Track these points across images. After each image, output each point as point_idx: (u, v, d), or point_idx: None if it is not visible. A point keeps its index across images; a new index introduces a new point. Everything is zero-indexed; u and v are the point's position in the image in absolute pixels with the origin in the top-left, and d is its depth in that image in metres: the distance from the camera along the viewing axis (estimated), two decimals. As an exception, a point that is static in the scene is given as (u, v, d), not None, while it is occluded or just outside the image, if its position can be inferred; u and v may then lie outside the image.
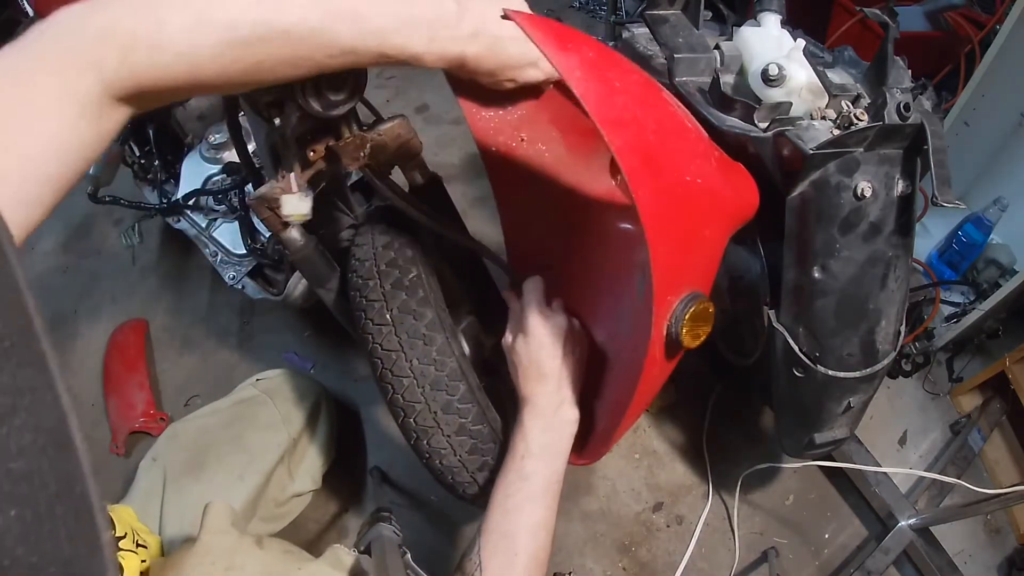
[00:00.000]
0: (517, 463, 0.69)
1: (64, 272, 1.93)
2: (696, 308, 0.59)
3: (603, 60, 0.57)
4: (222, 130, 1.45)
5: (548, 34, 0.52)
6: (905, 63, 0.80)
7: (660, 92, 0.65)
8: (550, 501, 0.69)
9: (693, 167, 0.60)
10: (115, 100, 0.43)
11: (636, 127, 0.55)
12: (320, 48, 0.49)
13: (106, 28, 0.41)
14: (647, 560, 1.27)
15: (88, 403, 1.62)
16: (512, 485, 0.68)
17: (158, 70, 0.43)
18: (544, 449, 0.69)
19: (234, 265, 1.36)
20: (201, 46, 0.44)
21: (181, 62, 0.44)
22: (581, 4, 2.68)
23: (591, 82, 0.52)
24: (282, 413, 1.16)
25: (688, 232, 0.60)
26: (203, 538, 0.73)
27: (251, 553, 0.74)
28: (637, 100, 0.58)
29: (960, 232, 1.49)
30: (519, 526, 0.66)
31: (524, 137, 0.79)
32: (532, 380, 0.71)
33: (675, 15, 0.92)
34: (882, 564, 1.19)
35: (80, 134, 0.41)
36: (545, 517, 0.68)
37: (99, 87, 0.41)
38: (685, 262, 0.60)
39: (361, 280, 0.79)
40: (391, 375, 0.75)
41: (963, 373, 1.46)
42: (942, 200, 0.73)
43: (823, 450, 1.04)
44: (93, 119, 0.42)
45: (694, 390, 1.44)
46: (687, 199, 0.59)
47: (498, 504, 0.68)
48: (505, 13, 0.52)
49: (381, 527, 0.78)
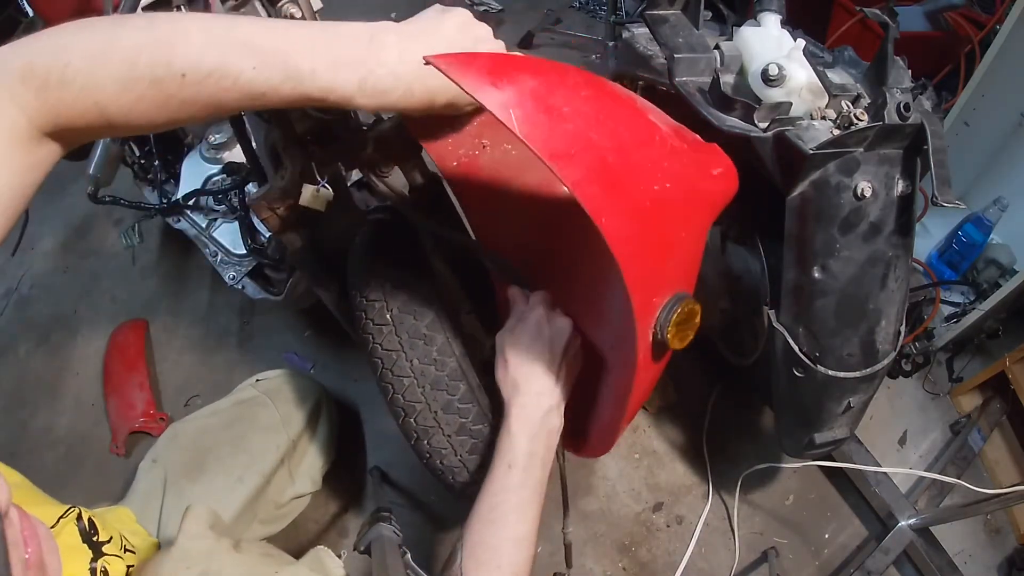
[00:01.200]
0: (503, 472, 0.68)
1: (64, 272, 1.93)
2: (681, 312, 0.58)
3: (546, 85, 0.52)
4: (222, 130, 1.45)
5: (477, 74, 0.48)
6: (905, 63, 0.80)
7: (617, 100, 0.61)
8: (533, 514, 0.68)
9: (661, 173, 0.58)
10: (42, 135, 0.47)
11: (591, 154, 0.52)
12: (226, 91, 0.47)
13: (24, 66, 0.45)
14: (647, 560, 1.27)
15: (88, 403, 1.62)
16: (497, 496, 0.67)
17: (67, 107, 0.46)
18: (530, 458, 0.68)
19: (234, 265, 1.36)
20: (102, 82, 0.45)
21: (87, 98, 0.45)
22: (581, 4, 2.68)
23: (532, 116, 0.48)
24: (282, 414, 1.15)
25: (663, 241, 0.58)
26: (180, 542, 0.73)
27: (228, 557, 0.73)
28: (590, 121, 0.54)
29: (960, 232, 1.49)
30: (503, 539, 0.65)
31: (486, 143, 0.76)
32: (523, 380, 0.70)
33: (675, 15, 0.92)
34: (882, 564, 1.19)
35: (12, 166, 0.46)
36: (529, 530, 0.67)
37: (24, 121, 0.45)
38: (663, 270, 0.59)
39: (361, 280, 0.79)
40: (391, 375, 0.75)
41: (963, 373, 1.46)
42: (942, 200, 0.73)
43: (823, 450, 1.04)
44: (24, 151, 0.46)
45: (694, 390, 1.44)
46: (658, 210, 0.57)
47: (482, 515, 0.67)
48: (426, 60, 0.47)
49: (381, 527, 0.78)
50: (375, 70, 0.50)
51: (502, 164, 0.77)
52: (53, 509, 0.67)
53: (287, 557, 0.80)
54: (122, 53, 0.46)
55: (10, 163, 0.45)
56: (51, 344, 1.77)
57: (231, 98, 0.48)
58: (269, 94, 0.49)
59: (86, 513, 0.71)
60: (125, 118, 0.47)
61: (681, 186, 0.60)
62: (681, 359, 1.46)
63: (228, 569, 0.71)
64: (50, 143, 0.48)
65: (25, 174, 0.47)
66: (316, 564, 0.76)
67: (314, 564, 0.76)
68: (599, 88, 0.58)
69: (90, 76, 0.45)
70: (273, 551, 0.82)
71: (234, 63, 0.47)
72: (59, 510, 0.67)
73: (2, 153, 0.45)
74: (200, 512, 0.76)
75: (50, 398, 1.65)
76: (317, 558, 0.77)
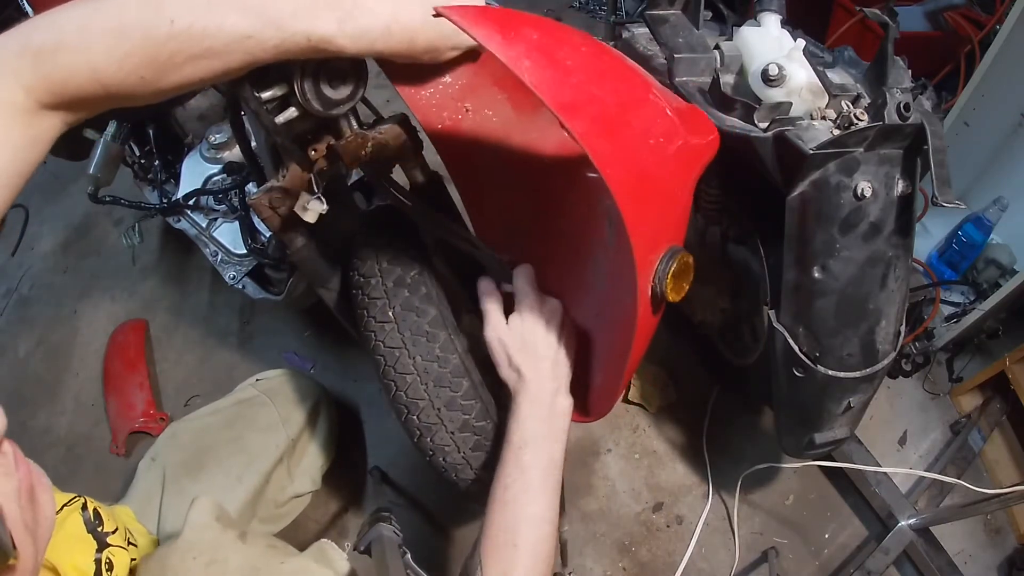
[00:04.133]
0: (514, 453, 0.68)
1: (64, 272, 1.94)
2: (677, 265, 0.60)
3: (551, 40, 0.55)
4: (222, 130, 1.45)
5: (489, 26, 0.50)
6: (905, 63, 0.80)
7: (613, 59, 0.63)
8: (550, 491, 0.68)
9: (656, 129, 0.60)
10: (41, 107, 0.48)
11: (595, 106, 0.54)
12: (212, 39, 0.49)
13: (20, 42, 0.47)
14: (647, 560, 1.27)
15: (88, 403, 1.62)
16: (509, 476, 0.67)
17: (62, 73, 0.47)
18: (542, 438, 0.68)
19: (234, 265, 1.36)
20: (94, 41, 0.47)
21: (80, 60, 0.47)
22: (581, 4, 2.68)
23: (543, 70, 0.50)
24: (281, 414, 1.15)
25: (660, 194, 0.60)
26: (186, 533, 0.73)
27: (234, 547, 0.74)
28: (592, 76, 0.56)
29: (960, 232, 1.49)
30: (518, 518, 0.65)
31: (469, 107, 0.76)
32: (527, 365, 0.70)
33: (675, 15, 0.92)
34: (882, 564, 1.19)
35: (12, 139, 0.47)
36: (545, 508, 0.67)
37: (22, 94, 0.47)
38: (661, 223, 0.61)
39: (363, 278, 0.79)
40: (394, 372, 0.75)
41: (963, 373, 1.46)
42: (942, 200, 0.73)
43: (823, 450, 1.04)
44: (24, 124, 0.47)
45: (694, 390, 1.44)
46: (655, 164, 0.59)
47: (497, 497, 0.67)
48: (437, 11, 0.50)
49: (381, 527, 0.78)
50: (353, 11, 0.53)
51: (484, 130, 0.78)
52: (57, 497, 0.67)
53: (291, 549, 0.80)
54: (112, 10, 0.48)
55: (10, 137, 0.47)
56: (51, 344, 1.77)
57: (219, 47, 0.50)
58: (255, 41, 0.50)
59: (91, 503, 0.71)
60: (119, 81, 0.48)
61: (673, 141, 0.61)
62: (681, 359, 1.47)
63: (234, 559, 0.71)
64: (49, 116, 0.49)
65: (26, 149, 0.48)
66: (320, 556, 0.76)
67: (319, 556, 0.76)
68: (597, 46, 0.61)
69: (82, 37, 0.47)
70: (278, 543, 0.82)
71: (219, 9, 0.49)
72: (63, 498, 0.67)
73: (2, 126, 0.46)
74: (206, 504, 0.77)
75: (50, 398, 1.65)
76: (321, 550, 0.77)
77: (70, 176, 2.05)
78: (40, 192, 2.13)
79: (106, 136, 1.41)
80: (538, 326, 0.71)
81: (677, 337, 1.50)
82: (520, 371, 0.71)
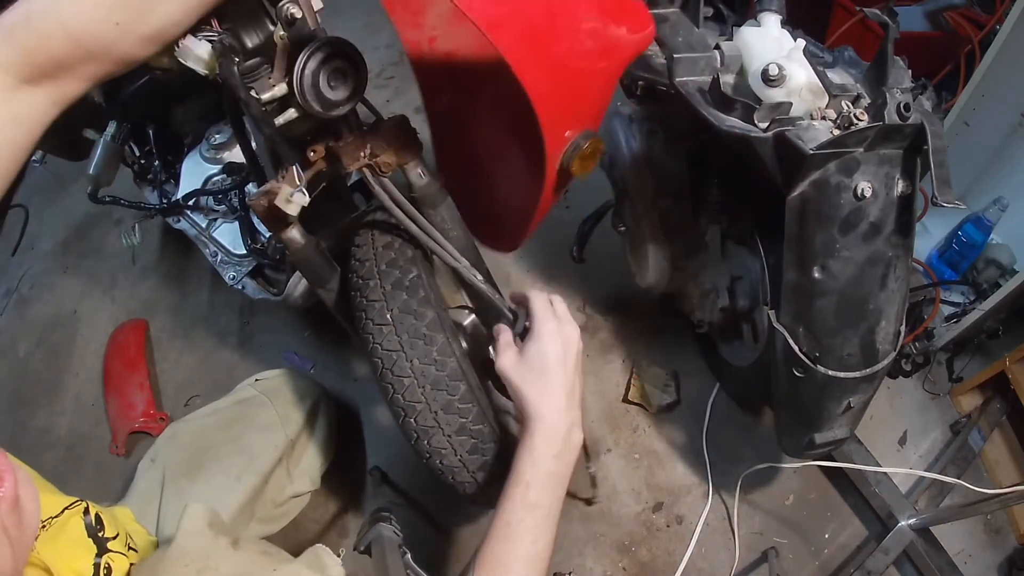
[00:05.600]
0: (522, 491, 0.67)
1: (64, 272, 1.94)
2: (585, 148, 0.71)
3: None
4: (222, 130, 1.45)
5: None
6: (905, 63, 0.80)
7: None
8: (549, 533, 0.67)
9: (584, 26, 0.66)
10: (21, 82, 0.48)
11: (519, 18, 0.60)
12: None
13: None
14: (647, 560, 1.27)
15: (88, 403, 1.62)
16: (515, 514, 0.66)
17: (37, 40, 0.47)
18: (551, 477, 0.68)
19: (234, 265, 1.36)
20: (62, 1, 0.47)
21: (52, 22, 0.47)
22: (581, 4, 2.68)
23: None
24: (281, 414, 1.15)
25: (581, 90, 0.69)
26: (178, 540, 0.73)
27: (225, 554, 0.73)
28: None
29: (960, 232, 1.49)
30: (516, 557, 0.65)
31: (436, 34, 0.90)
32: (544, 399, 0.69)
33: (675, 14, 0.92)
34: (882, 564, 1.19)
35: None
36: (543, 548, 0.67)
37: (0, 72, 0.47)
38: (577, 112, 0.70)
39: (361, 280, 0.79)
40: (392, 375, 0.75)
41: (963, 373, 1.46)
42: (942, 200, 0.73)
43: (823, 450, 1.04)
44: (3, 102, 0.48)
45: (694, 390, 1.44)
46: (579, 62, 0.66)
47: (498, 531, 0.66)
48: None
49: (381, 527, 0.78)
50: None
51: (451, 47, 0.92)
52: (58, 499, 0.67)
53: (285, 555, 0.80)
54: None
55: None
56: (51, 344, 1.77)
57: None
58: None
59: (93, 508, 0.71)
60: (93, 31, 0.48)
61: (602, 39, 0.68)
62: (681, 359, 1.47)
63: (226, 567, 0.71)
64: (32, 92, 0.49)
65: (9, 127, 0.48)
66: (314, 562, 0.76)
67: (312, 562, 0.76)
68: None
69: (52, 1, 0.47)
70: (271, 549, 0.82)
71: None
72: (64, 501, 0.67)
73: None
74: (198, 510, 0.76)
75: (50, 398, 1.65)
76: (315, 556, 0.77)
77: (70, 176, 2.05)
78: (40, 192, 2.13)
79: (106, 136, 1.41)
80: (555, 354, 0.70)
81: (677, 337, 1.50)
82: (536, 404, 0.69)
